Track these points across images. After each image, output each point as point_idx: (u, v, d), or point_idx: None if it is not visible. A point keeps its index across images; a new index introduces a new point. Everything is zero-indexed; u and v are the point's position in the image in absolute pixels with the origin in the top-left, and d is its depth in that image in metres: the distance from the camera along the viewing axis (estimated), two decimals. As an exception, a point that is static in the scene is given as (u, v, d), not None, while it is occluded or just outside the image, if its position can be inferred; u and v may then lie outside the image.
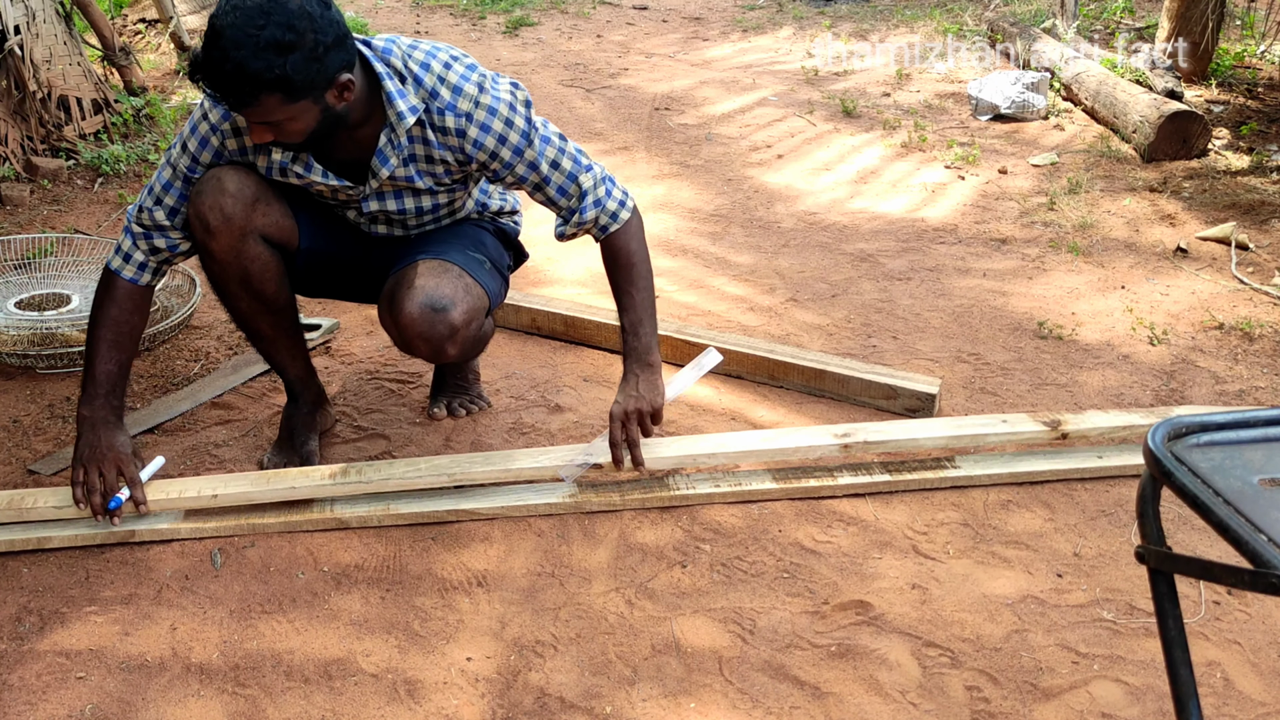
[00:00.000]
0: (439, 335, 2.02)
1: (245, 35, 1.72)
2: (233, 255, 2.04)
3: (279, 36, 1.73)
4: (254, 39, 1.72)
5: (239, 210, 1.99)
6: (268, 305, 2.14)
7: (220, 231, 2.00)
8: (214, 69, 1.75)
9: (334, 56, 1.82)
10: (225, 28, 1.73)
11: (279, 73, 1.75)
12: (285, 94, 1.78)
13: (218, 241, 2.01)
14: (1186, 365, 2.76)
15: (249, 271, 2.07)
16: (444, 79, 1.97)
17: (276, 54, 1.74)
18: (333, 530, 2.08)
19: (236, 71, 1.74)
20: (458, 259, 2.10)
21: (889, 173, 4.27)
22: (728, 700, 1.71)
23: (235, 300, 2.14)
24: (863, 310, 3.07)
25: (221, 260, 2.05)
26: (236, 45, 1.72)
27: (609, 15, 7.35)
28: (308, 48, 1.77)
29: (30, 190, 3.76)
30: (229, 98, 1.79)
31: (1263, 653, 1.81)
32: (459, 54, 2.03)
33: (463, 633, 1.85)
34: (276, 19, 1.73)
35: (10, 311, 2.79)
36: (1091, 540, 2.09)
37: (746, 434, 2.26)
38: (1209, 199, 3.83)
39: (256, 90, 1.76)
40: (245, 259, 2.05)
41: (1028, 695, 1.72)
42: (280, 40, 1.74)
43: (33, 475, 2.26)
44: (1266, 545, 0.98)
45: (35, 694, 1.71)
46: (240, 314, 2.17)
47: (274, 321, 2.18)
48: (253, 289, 2.10)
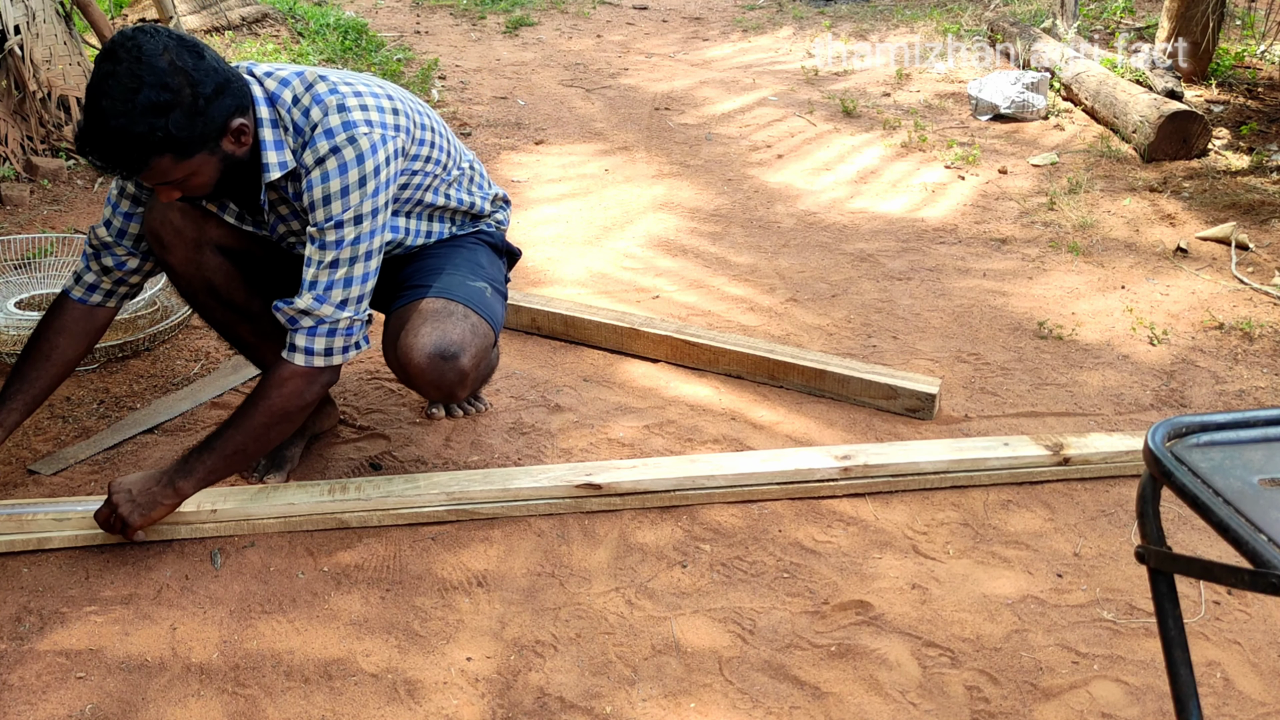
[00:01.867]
0: (449, 382, 1.98)
1: (121, 103, 1.68)
2: (193, 268, 2.04)
3: (154, 98, 1.69)
4: (130, 105, 1.68)
5: (189, 222, 1.99)
6: (242, 313, 2.13)
7: (174, 245, 2.00)
8: (97, 140, 1.72)
9: (219, 105, 1.77)
10: (99, 98, 1.70)
11: (162, 134, 1.71)
12: (175, 153, 1.74)
13: (174, 255, 2.02)
14: (1186, 365, 2.76)
15: (213, 282, 2.07)
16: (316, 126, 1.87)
17: (156, 115, 1.70)
18: (333, 530, 2.08)
19: (119, 140, 1.70)
20: (460, 294, 2.05)
21: (889, 173, 4.27)
22: (728, 700, 1.71)
23: (210, 311, 2.14)
24: (863, 310, 3.07)
25: (183, 274, 2.05)
26: (115, 114, 1.69)
27: (609, 15, 7.35)
28: (186, 104, 1.72)
29: (30, 190, 3.76)
30: (119, 167, 1.75)
31: (1263, 653, 1.81)
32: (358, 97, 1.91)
33: (463, 633, 1.85)
34: (149, 80, 1.69)
35: (10, 311, 2.78)
36: (1091, 540, 2.09)
37: (747, 455, 2.25)
38: (1209, 199, 3.83)
39: (145, 155, 1.72)
40: (206, 270, 2.05)
41: (1028, 695, 1.72)
42: (156, 101, 1.69)
43: (33, 475, 2.26)
44: (1266, 545, 0.98)
45: (35, 694, 1.71)
46: (218, 324, 2.17)
47: (253, 328, 2.17)
48: (222, 299, 2.10)
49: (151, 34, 1.73)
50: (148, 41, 1.71)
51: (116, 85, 1.69)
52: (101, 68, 1.71)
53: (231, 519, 2.06)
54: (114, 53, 1.71)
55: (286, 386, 1.91)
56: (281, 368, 1.92)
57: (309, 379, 1.92)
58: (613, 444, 2.39)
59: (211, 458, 1.92)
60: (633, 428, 2.45)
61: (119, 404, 2.53)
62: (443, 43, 6.43)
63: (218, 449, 1.92)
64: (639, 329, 2.76)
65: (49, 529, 2.01)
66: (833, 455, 2.23)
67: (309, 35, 5.97)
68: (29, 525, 2.01)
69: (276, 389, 1.91)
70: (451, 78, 5.59)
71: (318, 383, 1.94)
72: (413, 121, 2.01)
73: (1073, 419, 2.52)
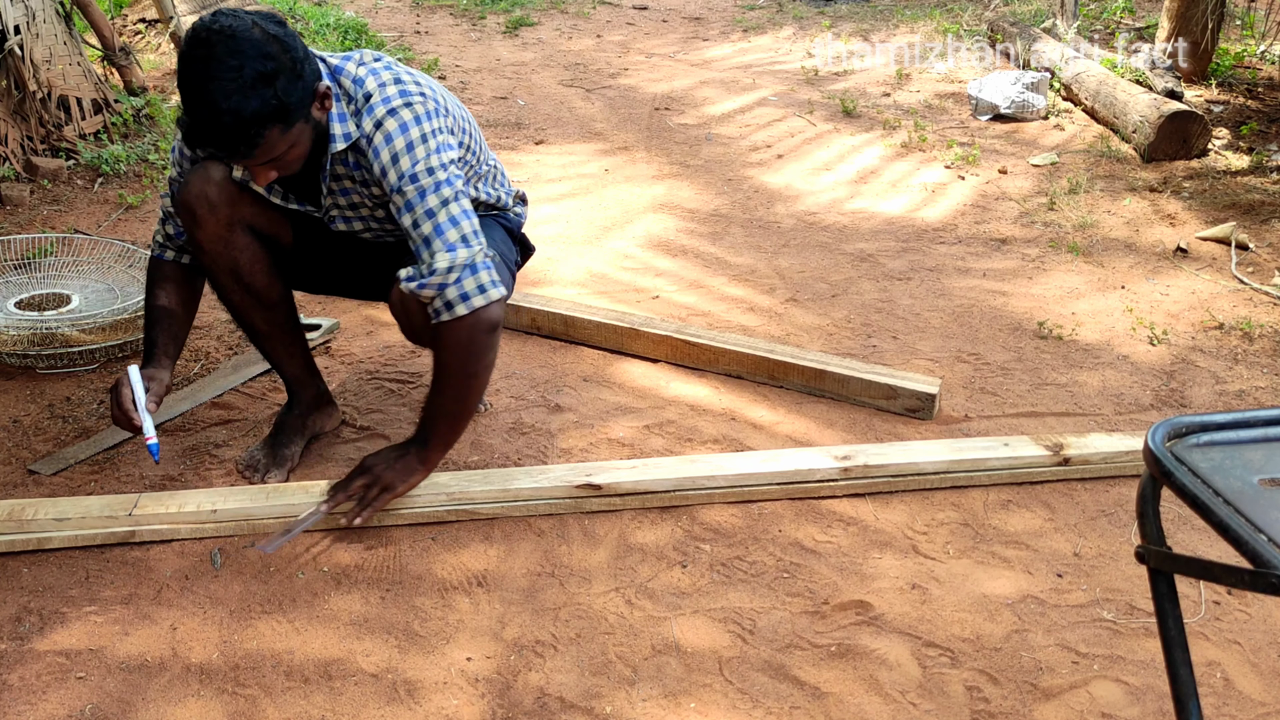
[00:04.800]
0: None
1: (230, 83, 1.69)
2: (221, 245, 2.04)
3: (260, 68, 1.71)
4: (238, 82, 1.69)
5: (223, 199, 2.00)
6: (260, 299, 2.14)
7: (206, 221, 2.00)
8: (211, 127, 1.72)
9: (310, 68, 1.81)
10: (202, 83, 1.70)
11: (275, 103, 1.72)
12: (284, 123, 1.76)
13: (204, 230, 2.01)
14: (1186, 365, 2.76)
15: (238, 262, 2.07)
16: (370, 96, 1.91)
17: (265, 85, 1.71)
18: (333, 530, 2.08)
19: (235, 120, 1.71)
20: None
21: (889, 173, 4.27)
22: (728, 700, 1.71)
23: (228, 293, 2.14)
24: (863, 310, 3.07)
25: (210, 250, 2.05)
26: (226, 95, 1.69)
27: (609, 15, 7.35)
28: (287, 69, 1.74)
29: (30, 190, 3.76)
30: (235, 149, 1.76)
31: (1263, 653, 1.81)
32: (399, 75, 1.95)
33: (462, 633, 1.85)
34: (250, 53, 1.70)
35: (10, 311, 2.78)
36: (1091, 540, 2.09)
37: (746, 456, 2.25)
38: (1209, 199, 3.83)
39: (260, 129, 1.73)
40: (233, 249, 2.05)
41: (1028, 695, 1.72)
42: (262, 71, 1.71)
43: (33, 475, 2.26)
44: (1266, 545, 0.98)
45: (35, 694, 1.71)
46: (234, 308, 2.18)
47: (268, 317, 2.17)
48: (243, 281, 2.10)
49: (231, 14, 1.74)
50: (232, 20, 1.72)
51: (220, 67, 1.69)
52: (194, 55, 1.70)
53: (231, 519, 2.06)
54: (204, 39, 1.71)
55: (469, 344, 1.91)
56: (454, 331, 1.90)
57: (482, 325, 1.90)
58: (612, 444, 2.39)
59: (438, 428, 2.02)
60: (632, 428, 2.45)
61: (119, 404, 2.53)
62: (443, 43, 6.43)
63: (442, 417, 2.01)
64: (639, 329, 2.76)
65: (49, 529, 2.01)
66: (832, 455, 2.23)
67: (309, 35, 5.97)
68: (29, 525, 2.01)
69: (462, 351, 1.92)
70: (451, 78, 5.59)
71: (489, 320, 1.91)
72: (454, 113, 2.06)
73: (1073, 419, 2.52)
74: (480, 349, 1.93)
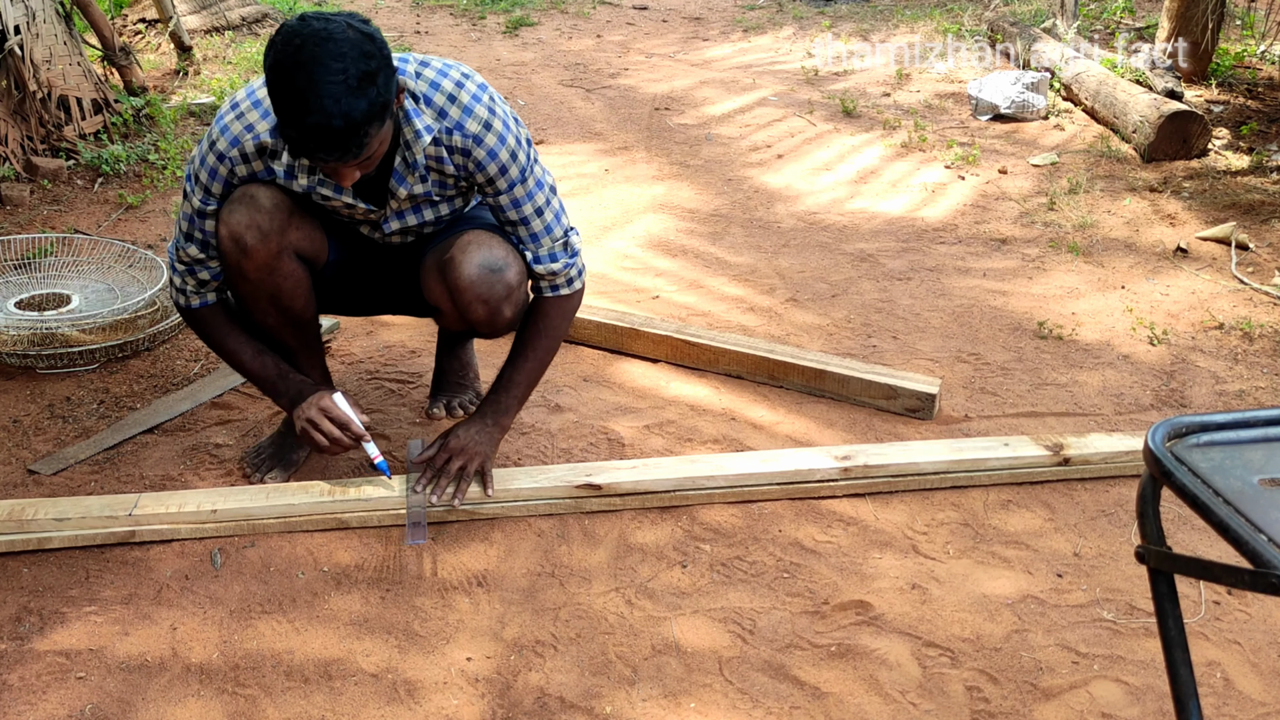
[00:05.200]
0: (498, 296, 2.00)
1: (339, 86, 1.66)
2: (266, 273, 2.00)
3: (364, 67, 1.69)
4: (347, 85, 1.67)
5: (275, 226, 1.95)
6: (294, 320, 2.11)
7: (256, 250, 1.95)
8: (323, 133, 1.69)
9: (394, 63, 1.80)
10: (310, 87, 1.66)
11: (380, 101, 1.72)
12: (380, 119, 1.75)
13: (252, 260, 1.97)
14: (1186, 365, 2.76)
15: (280, 288, 2.03)
16: (455, 98, 1.94)
17: (369, 84, 1.70)
18: (333, 530, 2.08)
19: (346, 123, 1.68)
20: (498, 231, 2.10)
21: (889, 173, 4.27)
22: (728, 700, 1.71)
23: (264, 316, 2.09)
24: (863, 310, 3.07)
25: (255, 280, 2.00)
26: (334, 99, 1.66)
27: (609, 15, 7.35)
28: (383, 64, 1.73)
29: (30, 190, 3.76)
30: (345, 152, 1.73)
31: (1263, 653, 1.81)
32: (469, 72, 2.00)
33: (462, 633, 1.85)
34: (350, 54, 1.68)
35: (10, 311, 2.78)
36: (1091, 540, 2.09)
37: (746, 456, 2.25)
38: (1209, 199, 3.83)
39: (368, 127, 1.72)
40: (278, 276, 2.01)
41: (1028, 695, 1.72)
42: (367, 70, 1.69)
43: (33, 475, 2.26)
44: (1266, 545, 0.98)
45: (35, 693, 1.71)
46: (267, 329, 2.13)
47: (297, 334, 2.15)
48: (282, 305, 2.06)
49: (318, 16, 1.73)
50: (323, 22, 1.71)
51: (325, 71, 1.66)
52: (295, 60, 1.67)
53: (231, 519, 2.06)
54: (299, 44, 1.68)
55: (568, 314, 2.14)
56: (565, 302, 2.12)
57: (578, 300, 2.16)
58: (612, 444, 2.39)
59: (518, 391, 2.13)
60: (632, 428, 2.45)
61: (119, 404, 2.53)
62: (443, 43, 6.43)
63: (520, 382, 2.13)
64: (639, 329, 2.76)
65: (49, 529, 2.01)
66: (832, 455, 2.23)
67: (309, 35, 5.97)
68: (29, 525, 2.00)
69: (563, 318, 2.13)
70: (451, 78, 5.58)
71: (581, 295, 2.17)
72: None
73: (1073, 419, 2.52)
74: (571, 320, 2.18)
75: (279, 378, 2.11)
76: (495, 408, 2.14)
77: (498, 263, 2.00)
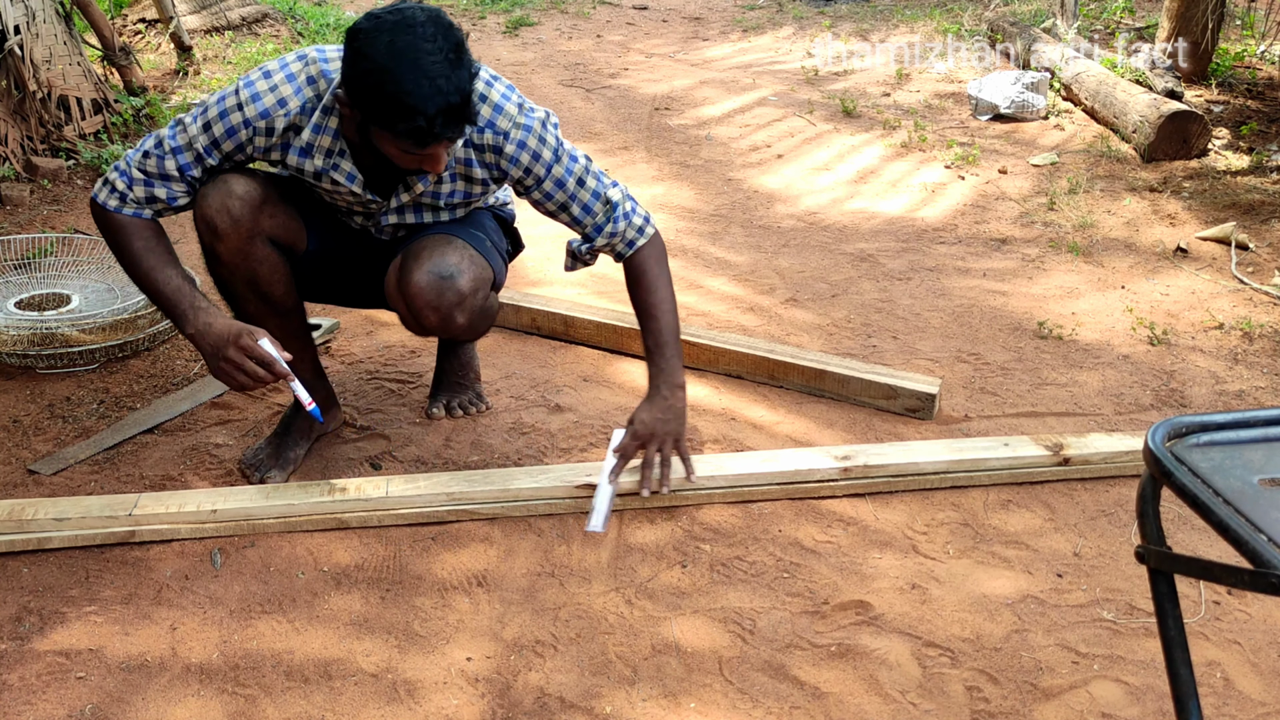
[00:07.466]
0: (447, 303, 2.01)
1: (439, 64, 1.73)
2: (240, 258, 2.03)
3: (454, 39, 1.76)
4: (447, 60, 1.74)
5: (246, 213, 1.99)
6: (275, 308, 2.13)
7: (228, 234, 1.99)
8: (450, 111, 1.75)
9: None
10: (421, 75, 1.72)
11: (472, 64, 1.79)
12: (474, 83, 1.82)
13: (225, 244, 2.01)
14: (1186, 365, 2.76)
15: (257, 274, 2.06)
16: (485, 97, 1.97)
17: (463, 52, 1.77)
18: (333, 530, 2.08)
19: (462, 94, 1.76)
20: (458, 234, 2.11)
21: (888, 172, 4.27)
22: (728, 700, 1.71)
23: (243, 303, 2.13)
24: (863, 310, 3.07)
25: (229, 263, 2.04)
26: (445, 76, 1.73)
27: (609, 15, 7.35)
28: (459, 30, 1.80)
29: (30, 190, 3.76)
30: (466, 121, 1.80)
31: (1263, 653, 1.81)
32: (495, 74, 2.04)
33: (462, 633, 1.85)
34: (435, 33, 1.74)
35: (10, 311, 2.78)
36: (1091, 540, 2.09)
37: (746, 456, 2.25)
38: (1209, 199, 3.83)
39: (472, 94, 1.79)
40: (253, 261, 2.04)
41: (1028, 695, 1.72)
42: (457, 40, 1.77)
43: (33, 475, 2.26)
44: (1266, 545, 0.98)
45: (35, 693, 1.71)
46: (248, 317, 2.15)
47: (281, 324, 2.17)
48: (260, 291, 2.09)
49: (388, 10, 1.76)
50: (396, 14, 1.75)
51: (425, 56, 1.72)
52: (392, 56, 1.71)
53: (231, 519, 2.06)
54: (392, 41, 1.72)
55: (659, 259, 2.15)
56: (643, 256, 2.13)
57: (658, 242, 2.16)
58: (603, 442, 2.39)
59: (669, 350, 2.14)
60: (632, 428, 2.45)
61: (119, 404, 2.53)
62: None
63: (666, 342, 2.13)
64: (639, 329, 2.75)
65: (49, 529, 2.01)
66: (832, 455, 2.23)
67: (309, 35, 5.97)
68: (29, 525, 2.00)
69: (657, 264, 2.14)
70: (451, 78, 5.59)
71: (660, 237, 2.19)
72: None
73: (1073, 419, 2.52)
74: (666, 262, 2.18)
75: (191, 306, 1.96)
76: (661, 377, 2.13)
77: (448, 269, 2.01)
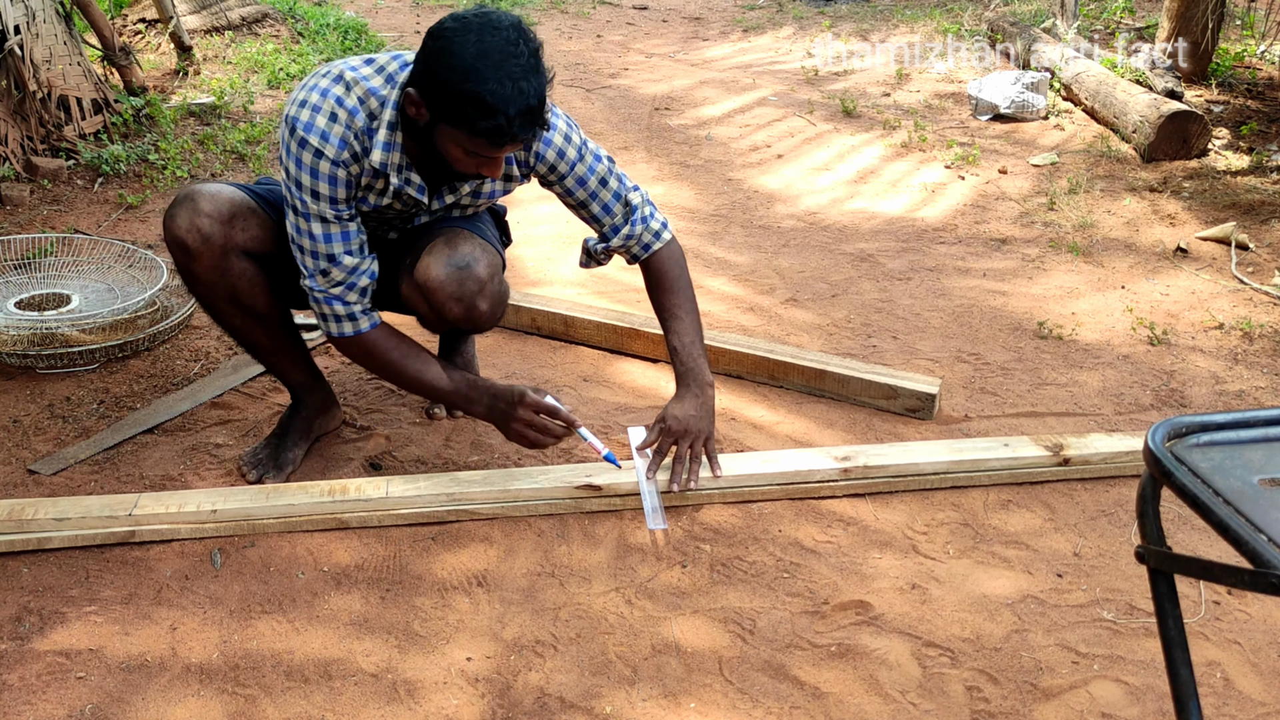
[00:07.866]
0: (469, 292, 2.02)
1: (522, 67, 1.74)
2: (218, 274, 2.03)
3: (533, 44, 1.78)
4: (529, 64, 1.75)
5: (217, 229, 1.99)
6: (260, 319, 2.13)
7: (201, 253, 2.00)
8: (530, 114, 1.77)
9: None
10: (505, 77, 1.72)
11: (547, 70, 1.81)
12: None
13: (200, 263, 2.01)
14: (1186, 365, 2.76)
15: (236, 289, 2.06)
16: None
17: (541, 57, 1.79)
18: (332, 530, 2.08)
19: (540, 98, 1.77)
20: (466, 227, 2.13)
21: (888, 172, 4.27)
22: (728, 700, 1.71)
23: (228, 318, 2.13)
24: (863, 310, 3.07)
25: (207, 281, 2.05)
26: (526, 79, 1.74)
27: (609, 15, 7.35)
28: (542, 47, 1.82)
29: (30, 190, 3.76)
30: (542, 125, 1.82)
31: (1263, 653, 1.81)
32: None
33: (462, 633, 1.85)
34: (516, 36, 1.76)
35: (10, 311, 2.78)
36: (1091, 540, 2.09)
37: (746, 456, 2.25)
38: (1209, 199, 3.83)
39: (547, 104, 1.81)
40: (231, 276, 2.05)
41: (1028, 695, 1.72)
42: (536, 46, 1.79)
43: (33, 475, 2.26)
44: (1266, 545, 0.98)
45: (35, 693, 1.71)
46: (235, 330, 2.17)
47: (269, 333, 2.17)
48: (243, 305, 2.09)
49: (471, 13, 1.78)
50: (480, 17, 1.77)
51: (508, 59, 1.74)
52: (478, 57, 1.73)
53: (231, 519, 2.06)
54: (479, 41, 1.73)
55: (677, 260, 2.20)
56: (661, 257, 2.18)
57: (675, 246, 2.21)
58: (612, 444, 2.39)
59: (695, 349, 2.17)
60: (632, 428, 2.45)
61: (119, 404, 2.53)
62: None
63: (691, 340, 2.17)
64: (639, 329, 2.76)
65: (49, 529, 2.01)
66: (832, 455, 2.23)
67: (309, 35, 5.97)
68: (29, 525, 2.00)
69: (675, 265, 2.19)
70: (451, 78, 5.58)
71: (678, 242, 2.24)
72: None
73: (1073, 419, 2.52)
74: (684, 263, 2.23)
75: (473, 388, 2.11)
76: (690, 376, 2.16)
77: (464, 259, 2.02)
